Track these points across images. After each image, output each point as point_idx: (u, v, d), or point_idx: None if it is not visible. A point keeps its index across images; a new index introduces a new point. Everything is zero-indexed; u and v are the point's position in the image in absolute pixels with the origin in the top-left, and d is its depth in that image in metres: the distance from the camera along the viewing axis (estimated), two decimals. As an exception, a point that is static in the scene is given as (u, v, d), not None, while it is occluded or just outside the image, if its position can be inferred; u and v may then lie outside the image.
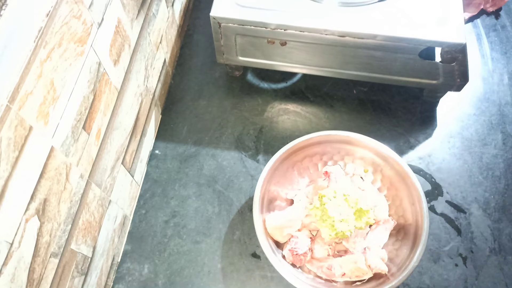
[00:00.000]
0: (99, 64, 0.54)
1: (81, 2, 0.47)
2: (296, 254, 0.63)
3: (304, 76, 0.86)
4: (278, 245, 0.66)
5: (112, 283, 0.68)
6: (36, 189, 0.44)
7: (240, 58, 0.77)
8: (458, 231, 0.71)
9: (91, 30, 0.50)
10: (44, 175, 0.44)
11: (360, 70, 0.76)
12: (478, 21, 0.92)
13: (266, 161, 0.67)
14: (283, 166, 0.68)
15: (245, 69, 0.87)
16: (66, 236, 0.51)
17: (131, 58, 0.64)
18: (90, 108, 0.53)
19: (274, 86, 0.85)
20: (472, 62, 0.86)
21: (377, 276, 0.62)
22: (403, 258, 0.62)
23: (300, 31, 0.68)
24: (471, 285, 0.67)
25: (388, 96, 0.83)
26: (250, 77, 0.87)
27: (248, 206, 0.73)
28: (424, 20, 0.67)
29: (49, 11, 0.42)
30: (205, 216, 0.73)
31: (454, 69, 0.71)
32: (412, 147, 0.78)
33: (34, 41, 0.40)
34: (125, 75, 0.62)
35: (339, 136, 0.68)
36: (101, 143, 0.57)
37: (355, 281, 0.63)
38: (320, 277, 0.64)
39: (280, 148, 0.66)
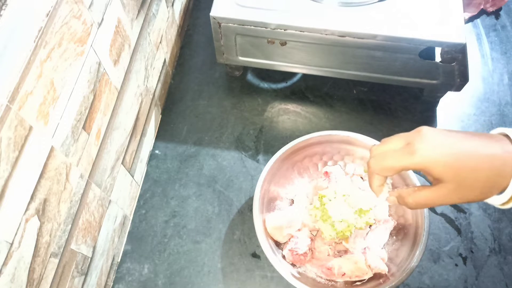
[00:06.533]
0: (99, 64, 0.54)
1: (81, 2, 0.47)
2: (296, 254, 0.63)
3: (304, 76, 0.86)
4: (278, 245, 0.66)
5: (112, 283, 0.68)
6: (36, 189, 0.44)
7: (240, 58, 0.77)
8: (458, 231, 0.71)
9: (91, 30, 0.50)
10: (44, 175, 0.44)
11: (360, 70, 0.76)
12: (478, 21, 0.92)
13: (266, 161, 0.67)
14: (283, 166, 0.68)
15: (245, 69, 0.87)
16: (66, 236, 0.51)
17: (131, 58, 0.64)
18: (90, 108, 0.53)
19: (274, 86, 0.85)
20: (472, 62, 0.86)
21: (377, 276, 0.62)
22: (403, 258, 0.62)
23: (300, 31, 0.68)
24: (471, 285, 0.67)
25: (388, 96, 0.83)
26: (250, 77, 0.87)
27: (248, 206, 0.73)
28: (424, 20, 0.67)
29: (49, 11, 0.42)
30: (205, 216, 0.73)
31: (454, 69, 0.71)
32: (412, 147, 0.78)
33: (34, 41, 0.40)
34: (125, 75, 0.62)
35: (339, 136, 0.68)
36: (101, 143, 0.57)
37: (355, 281, 0.63)
38: (320, 277, 0.64)
39: (280, 148, 0.66)
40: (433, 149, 0.40)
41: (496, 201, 0.41)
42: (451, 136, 0.41)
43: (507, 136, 0.40)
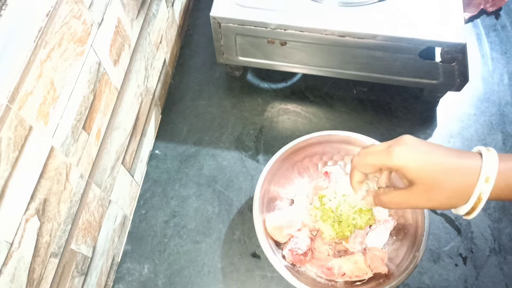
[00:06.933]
0: (99, 64, 0.54)
1: (81, 2, 0.47)
2: (296, 254, 0.63)
3: (304, 76, 0.86)
4: (278, 245, 0.66)
5: (112, 283, 0.68)
6: (36, 189, 0.44)
7: (240, 58, 0.77)
8: (458, 231, 0.71)
9: (91, 30, 0.50)
10: (44, 175, 0.44)
11: (360, 70, 0.76)
12: (478, 21, 0.92)
13: (266, 161, 0.67)
14: (283, 166, 0.68)
15: (245, 69, 0.87)
16: (66, 236, 0.51)
17: (131, 58, 0.64)
18: (90, 108, 0.53)
19: (274, 86, 0.85)
20: (472, 62, 0.87)
21: (377, 276, 0.62)
22: (403, 258, 0.62)
23: (300, 31, 0.68)
24: (471, 285, 0.67)
25: (388, 96, 0.83)
26: (250, 77, 0.87)
27: (248, 206, 0.73)
28: (424, 20, 0.67)
29: (49, 11, 0.42)
30: (205, 216, 0.73)
31: (454, 69, 0.71)
32: (412, 147, 0.78)
33: (34, 41, 0.40)
34: (125, 75, 0.62)
35: (339, 136, 0.68)
36: (101, 143, 0.57)
37: (355, 281, 0.63)
38: (320, 277, 0.64)
39: (280, 148, 0.66)
40: (408, 152, 0.44)
41: (461, 211, 0.44)
42: (427, 145, 0.45)
43: (480, 153, 0.43)
